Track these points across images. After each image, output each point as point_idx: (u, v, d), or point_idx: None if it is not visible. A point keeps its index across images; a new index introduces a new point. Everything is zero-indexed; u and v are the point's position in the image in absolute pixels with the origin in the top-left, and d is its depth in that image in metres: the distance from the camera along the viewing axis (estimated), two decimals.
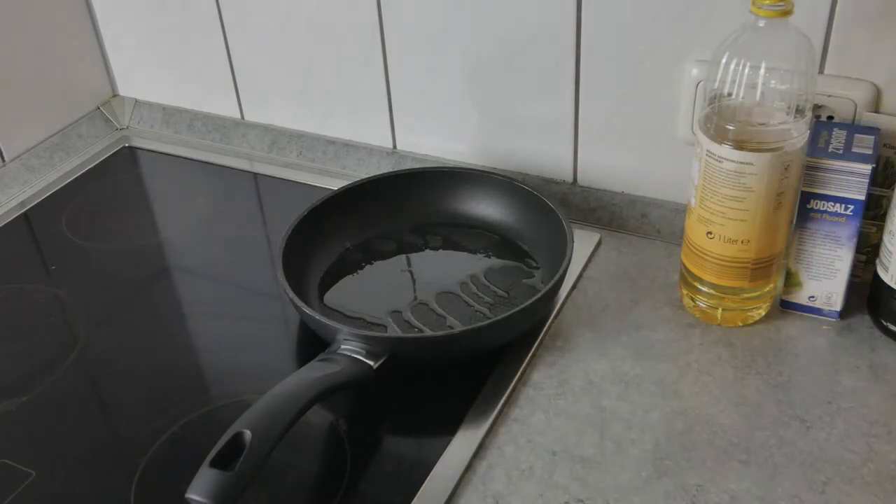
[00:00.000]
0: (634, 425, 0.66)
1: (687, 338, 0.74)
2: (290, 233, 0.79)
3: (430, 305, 0.78)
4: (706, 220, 0.70)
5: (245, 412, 0.59)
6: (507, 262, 0.82)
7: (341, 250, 0.84)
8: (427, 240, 0.86)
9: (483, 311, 0.77)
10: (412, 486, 0.62)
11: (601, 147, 0.86)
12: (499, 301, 0.78)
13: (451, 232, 0.86)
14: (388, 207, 0.87)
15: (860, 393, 0.68)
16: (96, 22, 1.08)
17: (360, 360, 0.67)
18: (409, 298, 0.79)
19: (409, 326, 0.76)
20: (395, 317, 0.77)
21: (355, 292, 0.81)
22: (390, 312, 0.77)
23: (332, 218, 0.83)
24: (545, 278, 0.79)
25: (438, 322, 0.76)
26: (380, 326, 0.76)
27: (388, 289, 0.81)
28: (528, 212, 0.84)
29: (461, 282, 0.80)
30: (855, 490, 0.61)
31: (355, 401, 0.71)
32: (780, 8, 0.62)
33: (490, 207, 0.86)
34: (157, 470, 0.65)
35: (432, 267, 0.83)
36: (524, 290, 0.79)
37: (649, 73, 0.79)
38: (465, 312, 0.77)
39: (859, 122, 0.72)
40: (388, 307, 0.78)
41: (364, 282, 0.82)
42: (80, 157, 1.06)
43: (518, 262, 0.82)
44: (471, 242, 0.85)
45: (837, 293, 0.73)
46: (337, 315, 0.77)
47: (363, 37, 0.91)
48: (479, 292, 0.79)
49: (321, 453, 0.67)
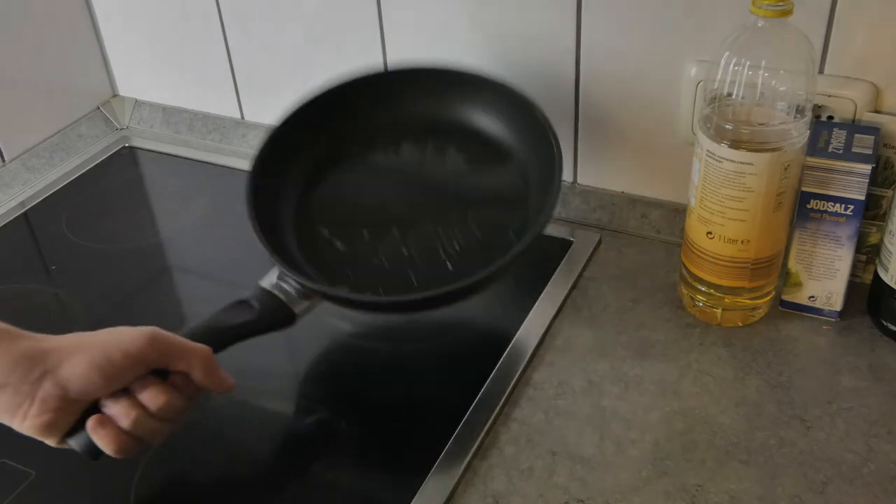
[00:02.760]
0: (634, 425, 0.66)
1: (687, 338, 0.74)
2: (260, 151, 0.75)
3: (397, 234, 0.75)
4: (706, 220, 0.70)
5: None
6: (491, 186, 0.78)
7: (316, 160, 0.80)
8: (413, 149, 0.82)
9: (446, 260, 0.73)
10: (412, 486, 0.62)
11: (601, 147, 0.85)
12: (469, 247, 0.74)
13: (440, 141, 0.81)
14: (368, 113, 0.81)
15: (860, 393, 0.68)
16: (96, 22, 1.08)
17: (279, 302, 0.67)
18: (382, 220, 0.76)
19: (371, 258, 0.74)
20: (361, 240, 0.75)
21: (332, 205, 0.78)
22: (358, 232, 0.75)
23: (307, 129, 0.79)
24: (525, 220, 0.74)
25: (398, 262, 0.73)
26: (337, 258, 0.74)
27: (364, 207, 0.78)
28: (517, 125, 0.78)
29: (438, 211, 0.76)
30: (855, 490, 0.61)
31: (355, 401, 0.71)
32: (780, 8, 0.62)
33: (485, 117, 0.80)
34: (157, 470, 0.65)
35: (414, 186, 0.80)
36: (500, 234, 0.74)
37: (649, 73, 0.79)
38: (430, 254, 0.73)
39: (859, 122, 0.72)
40: (358, 227, 0.76)
41: (342, 197, 0.79)
42: (80, 157, 1.06)
43: (503, 191, 0.77)
44: (460, 155, 0.81)
45: (837, 293, 0.73)
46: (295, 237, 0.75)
47: (363, 36, 0.91)
48: (453, 228, 0.75)
49: (321, 453, 0.67)
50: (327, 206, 0.78)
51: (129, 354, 0.56)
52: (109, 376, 0.55)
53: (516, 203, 0.76)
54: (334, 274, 0.73)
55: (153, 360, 0.57)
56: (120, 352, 0.55)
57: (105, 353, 0.55)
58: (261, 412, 0.71)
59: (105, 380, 0.55)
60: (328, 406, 0.71)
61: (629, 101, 0.81)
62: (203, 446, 0.68)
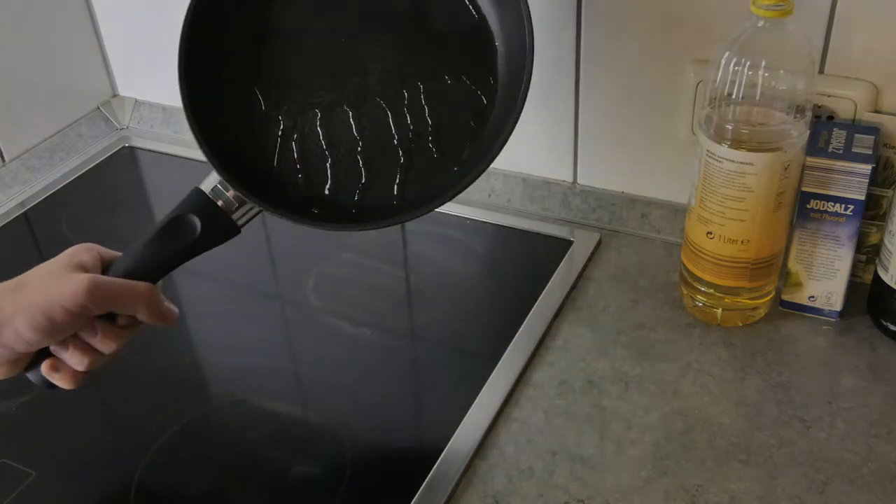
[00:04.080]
0: (634, 425, 0.66)
1: (687, 338, 0.74)
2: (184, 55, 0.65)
3: (350, 112, 0.65)
4: (706, 220, 0.70)
5: None
6: (456, 51, 0.65)
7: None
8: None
9: (396, 171, 0.64)
10: (412, 486, 0.62)
11: (601, 147, 0.85)
12: (423, 136, 0.64)
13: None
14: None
15: (860, 393, 0.68)
16: (96, 22, 1.08)
17: (222, 214, 0.61)
18: (335, 89, 0.66)
19: (320, 148, 0.65)
20: (311, 120, 0.65)
21: (279, 68, 0.67)
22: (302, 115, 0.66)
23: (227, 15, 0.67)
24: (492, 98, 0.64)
25: (349, 157, 0.65)
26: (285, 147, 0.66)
27: (316, 66, 0.67)
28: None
29: (394, 79, 0.65)
30: (855, 490, 0.61)
31: (356, 401, 0.71)
32: (780, 8, 0.62)
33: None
34: (157, 470, 0.65)
35: (369, 36, 0.67)
36: (459, 120, 0.64)
37: (649, 73, 0.79)
38: (381, 149, 0.64)
39: (859, 122, 0.72)
40: (308, 99, 0.66)
41: (288, 56, 0.67)
42: (80, 157, 1.06)
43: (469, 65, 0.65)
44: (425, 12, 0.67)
45: (837, 293, 0.73)
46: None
47: None
48: (409, 115, 0.65)
49: (321, 453, 0.67)
50: (273, 70, 0.67)
51: (70, 311, 0.55)
52: (53, 334, 0.56)
53: (481, 80, 0.65)
54: (283, 175, 0.65)
55: (95, 310, 0.56)
56: (61, 310, 0.55)
57: (45, 313, 0.55)
58: (261, 412, 0.71)
59: (50, 336, 0.56)
60: (328, 405, 0.71)
61: (629, 101, 0.81)
62: (203, 446, 0.69)
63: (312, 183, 0.66)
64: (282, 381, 0.74)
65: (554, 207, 0.89)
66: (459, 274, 0.84)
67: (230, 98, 0.67)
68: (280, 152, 0.66)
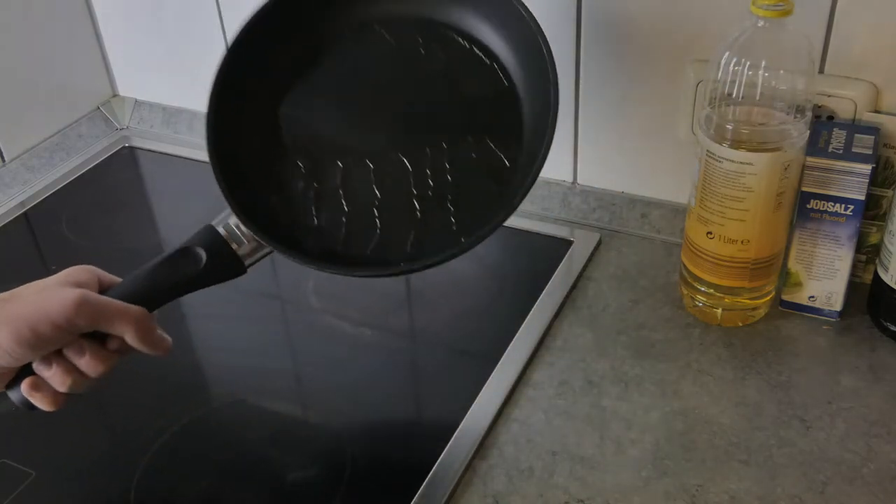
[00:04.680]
0: (634, 425, 0.66)
1: (687, 338, 0.74)
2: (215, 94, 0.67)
3: (371, 167, 0.66)
4: (706, 220, 0.70)
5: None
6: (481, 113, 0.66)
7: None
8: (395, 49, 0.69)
9: (412, 228, 0.64)
10: (412, 486, 0.62)
11: (601, 147, 0.85)
12: (443, 194, 0.64)
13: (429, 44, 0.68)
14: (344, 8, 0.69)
15: (860, 393, 0.68)
16: (96, 22, 1.08)
17: (229, 251, 0.61)
18: (357, 147, 0.66)
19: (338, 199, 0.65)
20: (332, 172, 0.66)
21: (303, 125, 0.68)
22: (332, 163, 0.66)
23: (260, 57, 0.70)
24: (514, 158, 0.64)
25: (366, 208, 0.65)
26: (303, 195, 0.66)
27: (340, 125, 0.68)
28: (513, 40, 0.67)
29: (417, 139, 0.65)
30: (855, 490, 0.61)
31: (356, 401, 0.71)
32: (780, 8, 0.62)
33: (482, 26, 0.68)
34: (157, 470, 0.65)
35: (396, 99, 0.68)
36: (480, 181, 0.64)
37: (649, 73, 0.79)
38: (399, 202, 0.64)
39: (859, 122, 0.72)
40: (332, 154, 0.66)
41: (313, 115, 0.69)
42: (80, 157, 1.06)
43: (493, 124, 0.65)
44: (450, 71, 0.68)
45: (837, 293, 0.73)
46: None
47: None
48: (431, 172, 0.65)
49: (321, 453, 0.67)
50: (297, 126, 0.68)
51: (57, 325, 0.54)
52: (38, 347, 0.54)
53: (505, 142, 0.64)
54: (299, 221, 0.65)
55: (82, 326, 0.55)
56: (47, 323, 0.54)
57: (31, 325, 0.54)
58: (261, 412, 0.71)
59: (33, 351, 0.55)
60: (328, 405, 0.71)
61: (629, 101, 0.81)
62: (203, 446, 0.69)
63: (326, 233, 0.65)
64: (282, 382, 0.74)
65: (554, 207, 0.89)
66: (459, 274, 0.84)
67: (253, 146, 0.67)
68: (298, 202, 0.66)
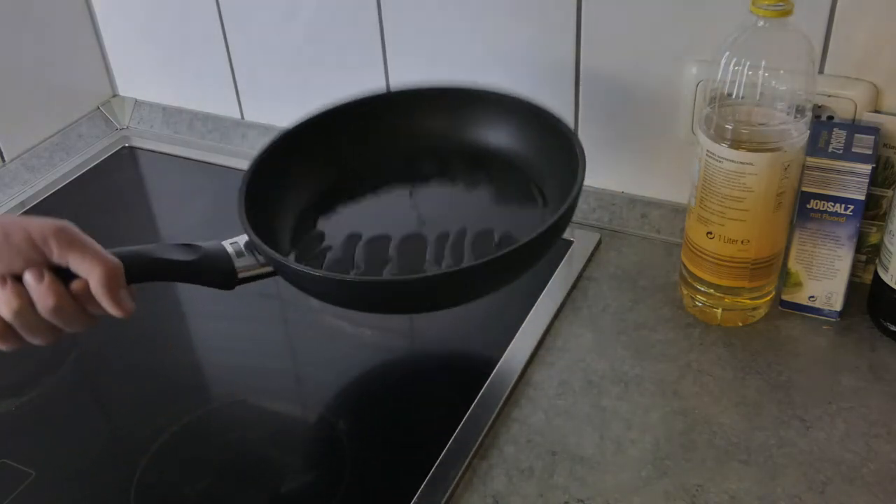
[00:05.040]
0: (634, 425, 0.66)
1: (687, 338, 0.74)
2: (258, 161, 0.71)
3: (390, 242, 0.71)
4: (706, 220, 0.70)
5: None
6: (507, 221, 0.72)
7: (321, 184, 0.76)
8: (418, 171, 0.78)
9: (436, 265, 0.68)
10: (412, 486, 0.62)
11: (601, 147, 0.85)
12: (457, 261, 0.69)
13: (447, 161, 0.78)
14: (377, 132, 0.78)
15: (860, 393, 0.68)
16: (96, 22, 1.08)
17: (226, 258, 0.63)
18: (375, 231, 0.72)
19: (351, 258, 0.70)
20: (346, 242, 0.71)
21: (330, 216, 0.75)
22: (347, 236, 0.72)
23: (310, 145, 0.76)
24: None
25: (376, 263, 0.69)
26: (320, 249, 0.71)
27: (359, 220, 0.74)
28: (538, 139, 0.74)
29: (439, 227, 0.71)
30: (855, 490, 0.61)
31: (356, 400, 0.71)
32: (780, 8, 0.62)
33: (495, 133, 0.77)
34: (157, 470, 0.65)
35: (418, 203, 0.77)
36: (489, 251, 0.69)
37: (649, 73, 0.79)
38: (416, 261, 0.69)
39: (859, 122, 0.72)
40: (348, 231, 0.72)
41: (337, 214, 0.76)
42: (80, 157, 1.06)
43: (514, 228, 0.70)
44: (466, 175, 0.77)
45: (837, 293, 0.73)
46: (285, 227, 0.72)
47: (363, 37, 0.91)
48: (453, 241, 0.70)
49: (321, 453, 0.67)
50: (330, 199, 0.75)
51: (30, 238, 0.52)
52: (2, 254, 0.52)
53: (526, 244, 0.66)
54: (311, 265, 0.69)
55: (53, 250, 0.53)
56: (22, 232, 0.52)
57: (5, 229, 0.52)
58: (261, 412, 0.71)
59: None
60: (328, 405, 0.71)
61: (629, 101, 0.81)
62: (203, 446, 0.69)
63: (337, 269, 0.69)
64: (282, 381, 0.74)
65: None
66: None
67: (283, 205, 0.73)
68: (314, 256, 0.71)
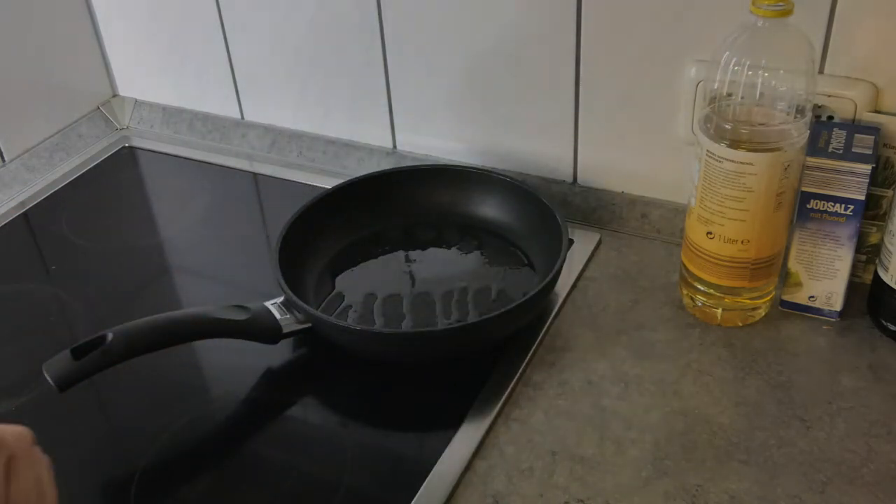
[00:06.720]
0: (634, 425, 0.66)
1: (687, 338, 0.74)
2: (286, 230, 0.79)
3: (402, 300, 0.78)
4: (706, 220, 0.70)
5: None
6: (495, 267, 0.82)
7: (332, 251, 0.84)
8: (418, 238, 0.86)
9: (446, 318, 0.76)
10: (412, 486, 0.62)
11: (601, 147, 0.86)
12: (472, 308, 0.77)
13: (445, 230, 0.86)
14: (383, 204, 0.86)
15: (860, 393, 0.68)
16: (96, 22, 1.08)
17: (272, 317, 0.71)
18: (388, 291, 0.80)
19: (369, 315, 0.77)
20: (365, 300, 0.79)
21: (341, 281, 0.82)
22: (365, 295, 0.79)
23: (325, 216, 0.83)
24: (533, 282, 0.78)
25: (394, 318, 0.76)
26: (343, 308, 0.78)
27: (371, 281, 0.81)
28: (524, 212, 0.83)
29: (443, 286, 0.79)
30: (855, 490, 0.61)
31: (356, 401, 0.71)
32: (780, 8, 0.62)
33: (487, 206, 0.86)
34: (158, 470, 0.65)
35: (421, 266, 0.83)
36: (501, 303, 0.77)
37: (649, 73, 0.79)
38: (428, 315, 0.76)
39: (859, 122, 0.72)
40: (363, 290, 0.80)
41: (350, 275, 0.82)
42: (80, 157, 1.06)
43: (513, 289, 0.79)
44: (462, 242, 0.85)
45: (837, 293, 0.73)
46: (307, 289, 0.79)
47: (363, 37, 0.91)
48: (458, 298, 0.78)
49: (321, 453, 0.67)
50: (348, 265, 0.84)
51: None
52: None
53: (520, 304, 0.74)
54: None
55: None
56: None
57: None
58: (261, 412, 0.71)
59: None
60: (328, 406, 0.71)
61: (629, 101, 0.81)
62: (203, 446, 0.68)
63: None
64: (282, 382, 0.74)
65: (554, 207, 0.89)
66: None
67: (306, 269, 0.81)
68: (339, 313, 0.78)
